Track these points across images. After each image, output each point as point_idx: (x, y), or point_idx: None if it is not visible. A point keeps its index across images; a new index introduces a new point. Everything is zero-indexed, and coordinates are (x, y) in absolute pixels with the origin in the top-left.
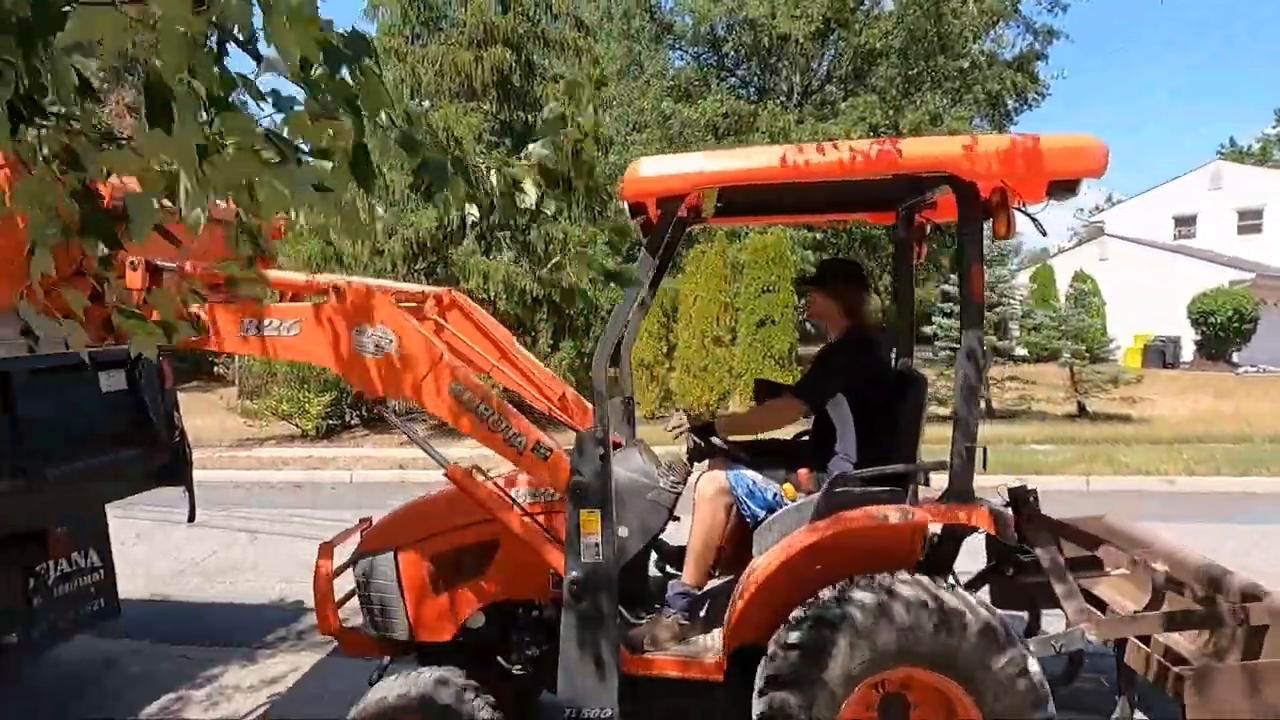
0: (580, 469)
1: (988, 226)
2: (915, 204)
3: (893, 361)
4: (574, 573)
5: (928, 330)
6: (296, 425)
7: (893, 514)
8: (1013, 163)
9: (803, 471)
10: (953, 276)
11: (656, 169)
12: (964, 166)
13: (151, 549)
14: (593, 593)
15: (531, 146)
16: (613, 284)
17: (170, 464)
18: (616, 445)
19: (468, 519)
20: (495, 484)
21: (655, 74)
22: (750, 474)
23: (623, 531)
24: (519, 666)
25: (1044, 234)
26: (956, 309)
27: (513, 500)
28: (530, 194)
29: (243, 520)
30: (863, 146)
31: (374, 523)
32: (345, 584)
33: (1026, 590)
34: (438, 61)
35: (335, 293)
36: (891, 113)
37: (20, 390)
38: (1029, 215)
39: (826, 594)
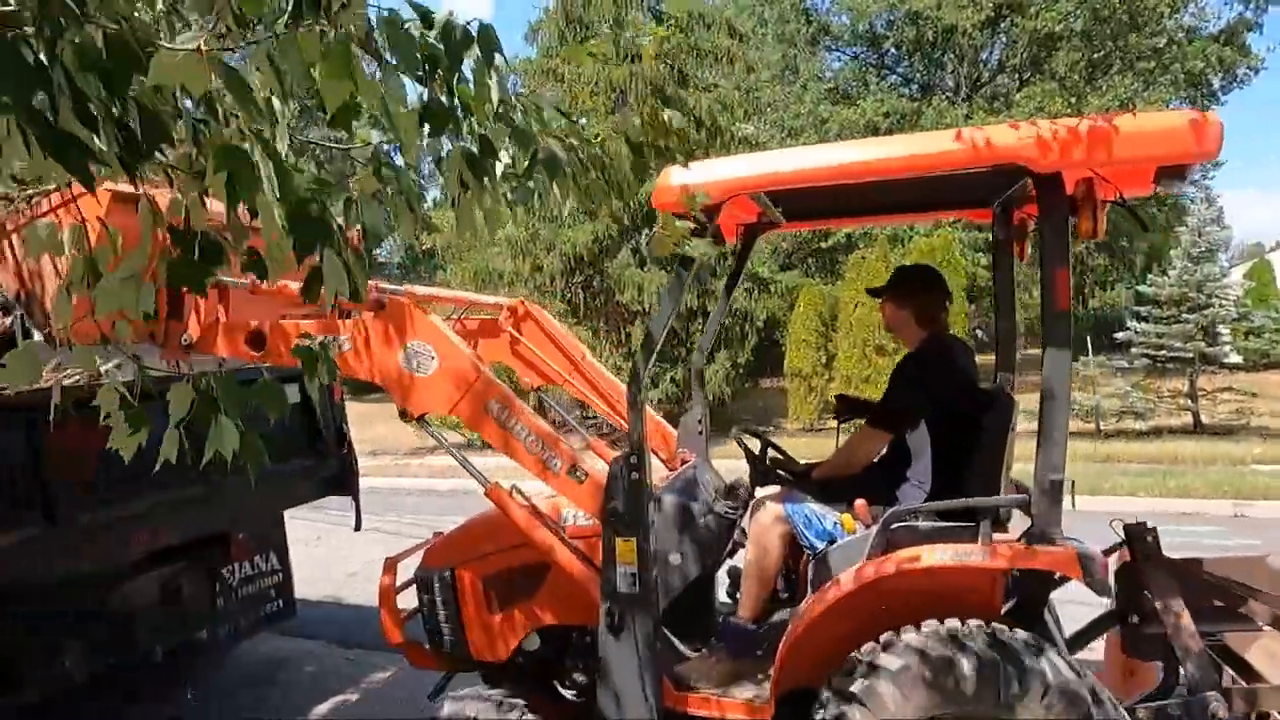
0: (614, 495)
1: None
2: (1011, 199)
3: (993, 378)
4: (609, 602)
5: (1120, 336)
6: (463, 435)
7: (948, 555)
8: (1100, 149)
9: (860, 503)
10: (1151, 276)
11: (689, 177)
12: (1038, 156)
13: (329, 552)
14: (630, 623)
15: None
16: (769, 293)
17: (339, 474)
18: (684, 464)
19: (519, 539)
20: (533, 505)
21: (811, 77)
22: (810, 503)
23: (674, 558)
24: (572, 692)
25: (1145, 229)
26: (1152, 311)
27: (548, 523)
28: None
29: (411, 526)
30: (924, 139)
31: (440, 537)
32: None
33: (1162, 639)
34: (593, 80)
35: (378, 307)
36: (1074, 100)
37: None
38: (1128, 208)
39: (884, 638)
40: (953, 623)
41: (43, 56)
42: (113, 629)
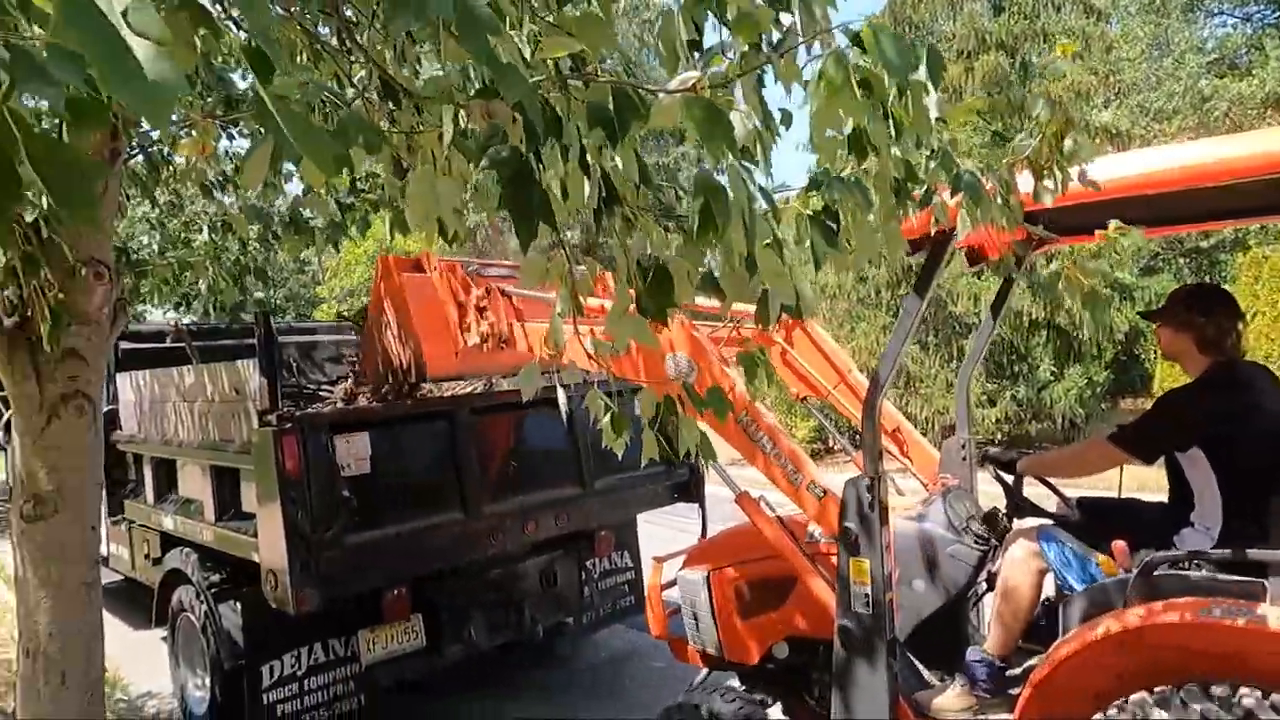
0: (848, 514)
1: None
2: None
3: None
4: (843, 620)
5: None
6: None
7: (1217, 611)
8: None
9: (1118, 544)
10: None
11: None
12: None
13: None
14: (863, 644)
15: (1018, 138)
16: (1131, 301)
17: (687, 481)
18: (947, 489)
19: (770, 550)
20: (779, 517)
21: (1190, 48)
22: (1068, 540)
23: (919, 584)
24: (818, 704)
25: None
26: None
27: (793, 536)
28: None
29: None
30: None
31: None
32: None
33: None
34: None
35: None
36: None
37: (578, 410)
38: None
39: (1159, 692)
40: (1221, 688)
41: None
42: (507, 607)
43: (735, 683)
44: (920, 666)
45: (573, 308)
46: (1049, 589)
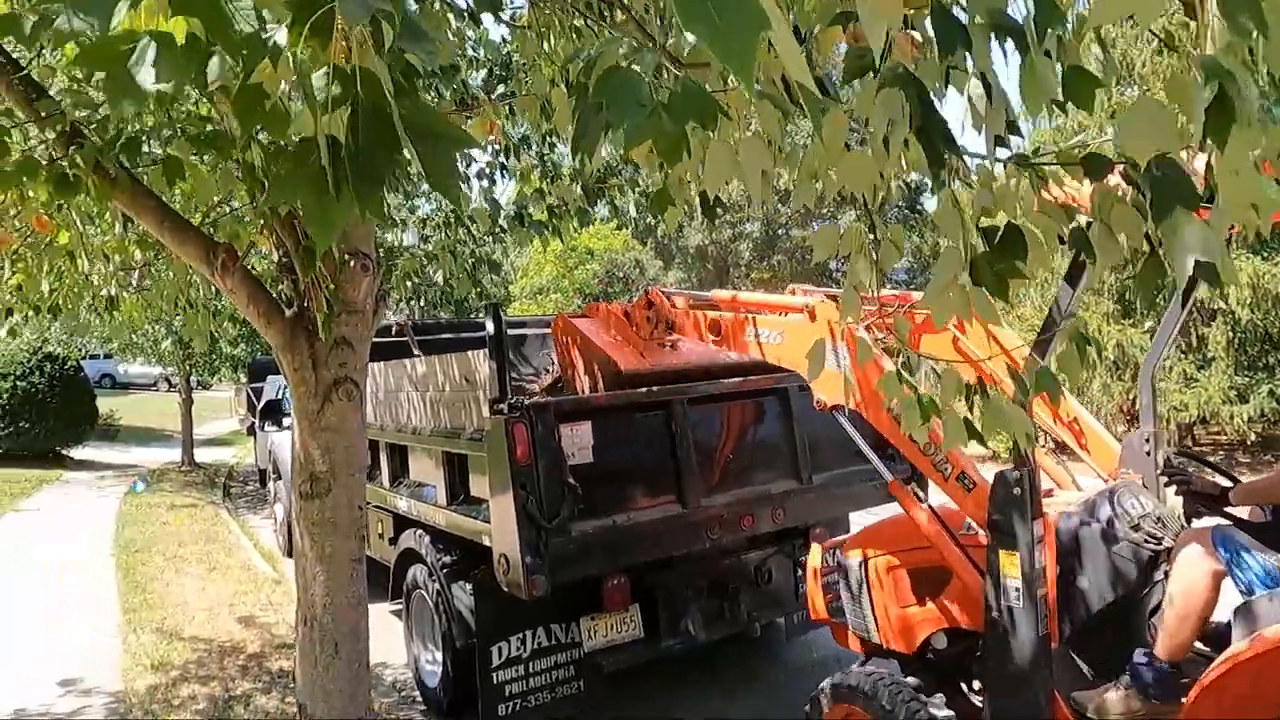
0: (998, 507)
1: None
2: None
3: None
4: (993, 614)
5: None
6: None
7: None
8: None
9: None
10: None
11: None
12: None
13: None
14: (1014, 640)
15: None
16: None
17: (908, 479)
18: (1117, 484)
19: (925, 541)
20: (932, 508)
21: None
22: (1248, 542)
23: (1083, 582)
24: (978, 696)
25: None
26: None
27: (946, 527)
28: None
29: None
30: None
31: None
32: None
33: None
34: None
35: (808, 313)
36: None
37: (796, 405)
38: None
39: None
40: None
41: None
42: (723, 601)
43: (895, 670)
44: (1083, 666)
45: (874, 280)
46: (1227, 592)
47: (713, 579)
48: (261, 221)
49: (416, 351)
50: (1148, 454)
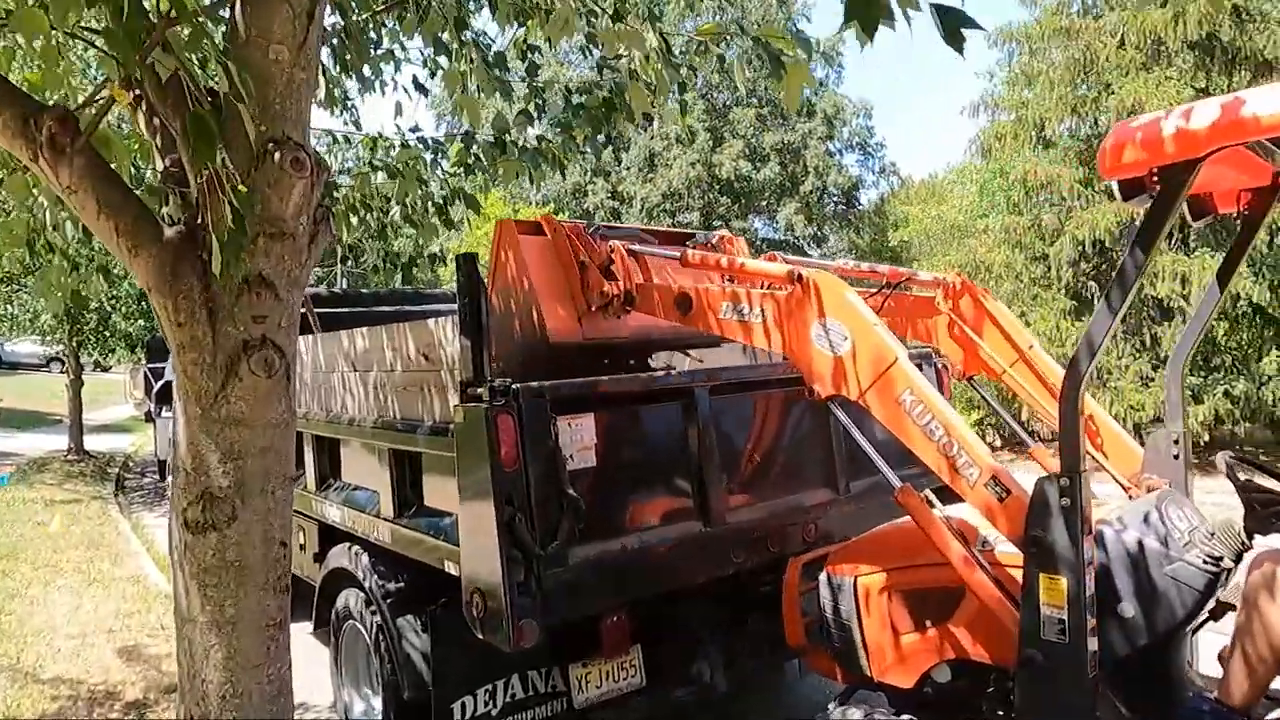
0: (1039, 522)
1: None
2: None
3: None
4: (1029, 650)
5: None
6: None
7: None
8: None
9: None
10: None
11: (1154, 126)
12: None
13: None
14: (1055, 680)
15: None
16: None
17: (943, 486)
18: (1160, 494)
19: (932, 557)
20: (949, 519)
21: None
22: None
23: (1127, 609)
24: None
25: None
26: None
27: (965, 542)
28: None
29: None
30: None
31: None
32: None
33: None
34: (1119, 32)
35: (798, 282)
36: None
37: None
38: None
39: None
40: None
41: None
42: (740, 638)
43: (883, 707)
44: (1121, 708)
45: None
46: None
47: (727, 612)
48: (119, 66)
49: (316, 327)
50: (1175, 457)
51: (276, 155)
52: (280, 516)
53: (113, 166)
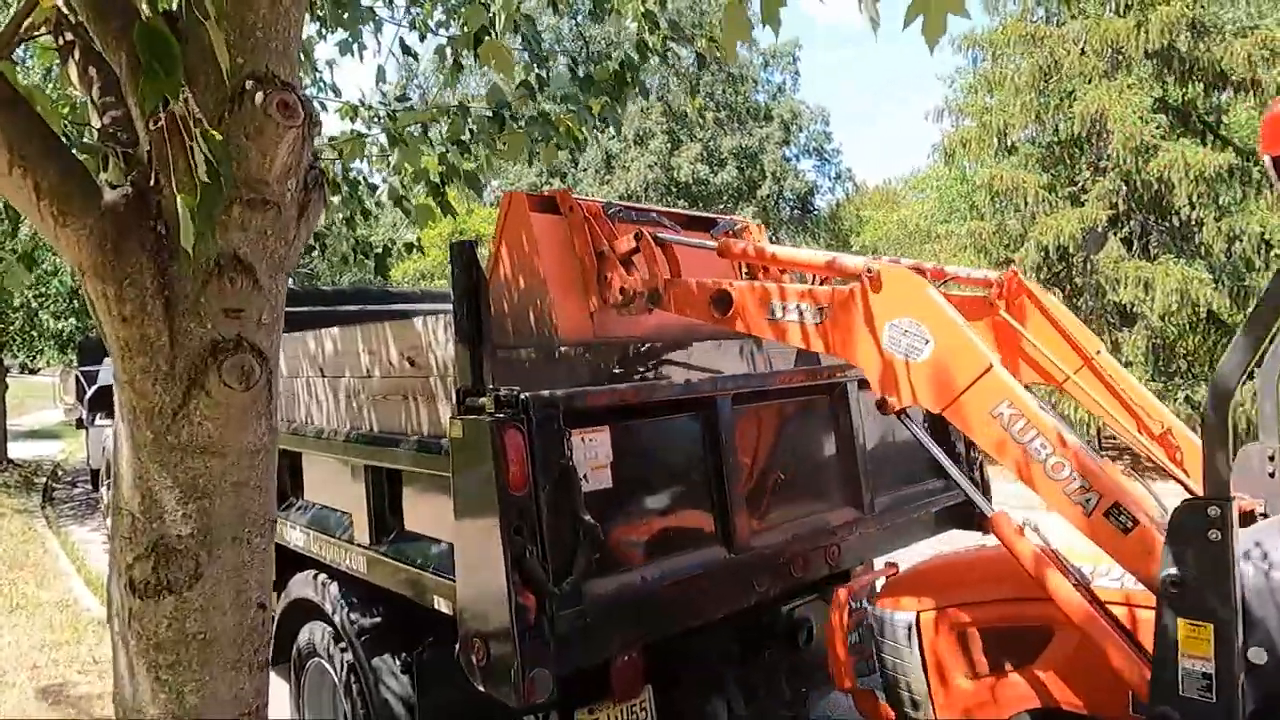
0: (1181, 557)
1: None
2: None
3: None
4: (1161, 707)
5: None
6: None
7: None
8: None
9: None
10: None
11: None
12: None
13: None
14: None
15: None
16: None
17: (967, 502)
18: (1246, 516)
19: (1015, 591)
20: (1054, 554)
21: None
22: None
23: (1258, 656)
24: None
25: None
26: None
27: (1071, 578)
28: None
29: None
30: None
31: (899, 571)
32: None
33: None
34: (1081, 39)
35: (867, 276)
36: None
37: (858, 403)
38: None
39: None
40: None
41: None
42: (759, 673)
43: None
44: None
45: None
46: None
47: (745, 643)
48: None
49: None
50: (1271, 475)
51: (258, 96)
52: (259, 571)
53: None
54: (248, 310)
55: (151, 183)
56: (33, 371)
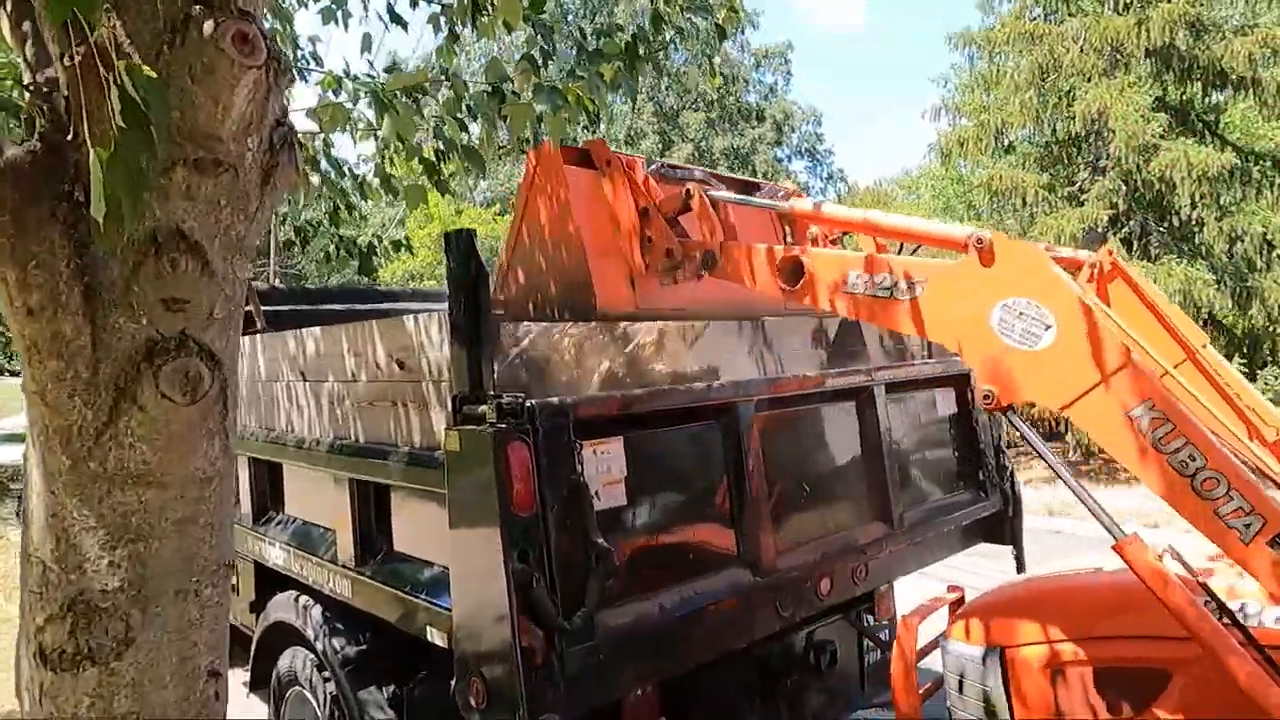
0: None
1: None
2: None
3: None
4: None
5: None
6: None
7: None
8: None
9: None
10: None
11: None
12: None
13: None
14: None
15: None
16: None
17: (998, 515)
18: None
19: (1134, 627)
20: (1200, 584)
21: None
22: None
23: None
24: None
25: None
26: None
27: (1228, 617)
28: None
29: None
30: None
31: (967, 599)
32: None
33: None
34: (1080, 37)
35: (976, 247)
36: None
37: (886, 409)
38: None
39: None
40: None
41: None
42: (780, 701)
43: None
44: None
45: None
46: None
47: (765, 670)
48: None
49: (261, 323)
50: None
51: (207, 26)
52: (210, 630)
53: None
54: (194, 301)
55: (70, 136)
56: (13, 374)
